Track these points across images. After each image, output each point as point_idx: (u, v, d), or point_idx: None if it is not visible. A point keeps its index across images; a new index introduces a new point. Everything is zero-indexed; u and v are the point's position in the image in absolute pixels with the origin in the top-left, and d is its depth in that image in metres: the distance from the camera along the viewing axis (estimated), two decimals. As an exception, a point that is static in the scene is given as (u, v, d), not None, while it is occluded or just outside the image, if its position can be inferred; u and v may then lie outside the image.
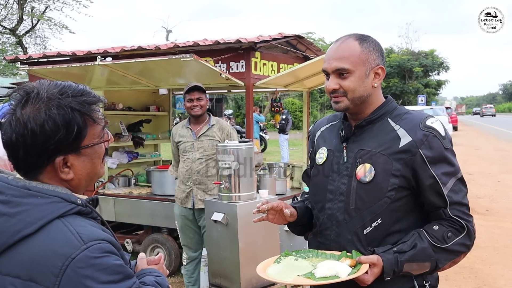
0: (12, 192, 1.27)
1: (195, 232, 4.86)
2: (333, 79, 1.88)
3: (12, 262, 1.23)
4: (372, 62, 1.87)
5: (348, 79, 1.85)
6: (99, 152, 1.39)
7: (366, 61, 1.86)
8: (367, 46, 1.87)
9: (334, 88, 1.88)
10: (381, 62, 1.91)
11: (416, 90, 41.78)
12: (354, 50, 1.86)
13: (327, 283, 1.74)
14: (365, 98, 1.89)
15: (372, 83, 1.88)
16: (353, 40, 1.88)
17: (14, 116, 1.28)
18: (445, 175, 1.81)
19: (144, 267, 1.54)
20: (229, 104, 36.46)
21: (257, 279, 4.14)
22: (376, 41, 1.93)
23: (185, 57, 4.80)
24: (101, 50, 6.43)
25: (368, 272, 1.75)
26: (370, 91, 1.89)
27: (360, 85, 1.86)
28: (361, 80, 1.86)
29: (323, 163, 1.99)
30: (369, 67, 1.87)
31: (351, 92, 1.86)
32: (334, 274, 1.73)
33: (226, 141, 4.26)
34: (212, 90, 8.90)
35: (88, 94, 1.35)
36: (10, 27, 22.35)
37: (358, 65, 1.85)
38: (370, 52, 1.87)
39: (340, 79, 1.87)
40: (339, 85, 1.87)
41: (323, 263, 1.80)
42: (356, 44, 1.87)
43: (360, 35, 1.91)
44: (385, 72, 1.95)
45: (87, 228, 1.27)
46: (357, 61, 1.85)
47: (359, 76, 1.85)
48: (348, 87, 1.86)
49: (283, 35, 6.28)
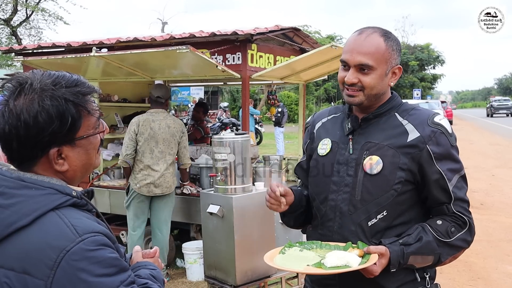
0: (6, 184, 1.26)
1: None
2: (354, 73, 1.86)
3: (6, 254, 1.22)
4: (393, 61, 1.88)
5: (369, 76, 1.84)
6: (94, 143, 1.37)
7: (389, 60, 1.86)
8: (391, 45, 1.87)
9: (353, 82, 1.86)
10: (399, 62, 1.92)
11: (412, 84, 41.76)
12: (380, 48, 1.85)
13: (338, 272, 1.75)
14: (380, 95, 1.90)
15: (389, 82, 1.90)
16: (378, 36, 1.86)
17: (7, 107, 1.26)
18: (450, 171, 1.83)
19: (139, 260, 1.53)
20: (224, 96, 36.40)
21: (252, 272, 4.14)
22: (397, 39, 1.93)
23: (181, 48, 4.77)
24: (97, 41, 6.38)
25: (377, 263, 1.75)
26: (386, 89, 1.91)
27: (379, 83, 1.86)
28: (380, 78, 1.86)
29: (326, 154, 1.98)
30: (389, 66, 1.87)
31: (369, 88, 1.86)
32: (345, 264, 1.73)
33: (222, 133, 4.25)
34: (208, 82, 8.87)
35: (82, 85, 1.33)
36: (4, 17, 22.19)
37: (381, 63, 1.85)
38: (393, 51, 1.87)
39: (361, 74, 1.85)
40: (359, 79, 1.85)
41: (332, 253, 1.79)
42: (382, 41, 1.85)
43: (384, 31, 1.90)
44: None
45: (82, 220, 1.25)
46: (381, 59, 1.84)
47: (380, 74, 1.85)
48: (368, 84, 1.85)
49: (279, 28, 6.25)
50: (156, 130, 5.16)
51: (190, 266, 5.41)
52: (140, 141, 5.18)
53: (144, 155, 5.18)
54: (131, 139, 5.20)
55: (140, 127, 5.19)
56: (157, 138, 5.16)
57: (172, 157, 5.25)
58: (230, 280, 4.12)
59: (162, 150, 5.18)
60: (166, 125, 5.19)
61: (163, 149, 5.18)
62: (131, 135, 5.21)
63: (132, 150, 5.21)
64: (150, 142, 5.16)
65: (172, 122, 5.26)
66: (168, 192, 5.26)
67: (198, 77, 6.62)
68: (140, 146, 5.18)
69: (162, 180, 5.17)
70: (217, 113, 20.82)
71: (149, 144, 5.16)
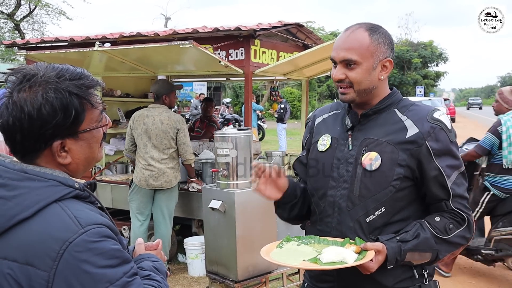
0: (9, 175, 1.26)
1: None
2: (340, 69, 1.87)
3: (9, 246, 1.22)
4: (381, 54, 1.86)
5: (354, 71, 1.84)
6: (97, 137, 1.38)
7: (375, 53, 1.84)
8: (377, 38, 1.85)
9: (340, 78, 1.87)
10: (390, 55, 1.89)
11: (415, 81, 41.69)
12: (363, 42, 1.84)
13: (333, 269, 1.74)
14: (371, 90, 1.88)
15: (378, 76, 1.87)
16: (363, 30, 1.86)
17: (11, 99, 1.26)
18: (449, 168, 1.82)
19: (142, 252, 1.54)
20: (227, 92, 36.40)
21: (254, 267, 4.15)
22: (386, 32, 1.91)
23: (184, 43, 4.77)
24: (100, 36, 6.38)
25: (373, 259, 1.74)
26: (376, 83, 1.88)
27: (367, 78, 1.85)
28: (367, 73, 1.84)
29: (326, 150, 1.97)
30: (377, 60, 1.85)
31: (357, 84, 1.85)
32: (341, 260, 1.72)
33: (225, 129, 4.24)
34: (210, 78, 8.86)
35: (86, 78, 1.33)
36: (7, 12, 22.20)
37: (366, 57, 1.83)
38: (380, 44, 1.85)
39: (347, 69, 1.85)
40: (345, 75, 1.85)
41: (329, 249, 1.79)
42: (366, 36, 1.84)
43: (370, 26, 1.89)
44: (393, 65, 1.94)
45: (85, 212, 1.26)
46: (365, 53, 1.83)
47: (366, 68, 1.84)
48: (354, 79, 1.84)
49: (283, 23, 6.24)
50: (149, 126, 5.20)
51: (191, 261, 5.42)
52: (135, 136, 5.30)
53: (140, 149, 5.27)
54: (128, 134, 5.39)
55: (134, 122, 5.30)
56: (150, 134, 5.20)
57: (168, 152, 5.24)
58: (232, 276, 4.13)
59: (155, 145, 5.20)
60: (159, 121, 5.20)
61: (156, 144, 5.20)
62: (128, 130, 5.39)
63: (130, 145, 5.36)
64: (143, 137, 5.23)
65: (167, 118, 5.23)
66: (168, 187, 5.28)
67: (201, 72, 6.62)
68: (136, 141, 5.31)
69: (160, 174, 5.20)
70: (220, 109, 20.81)
71: (142, 139, 5.23)
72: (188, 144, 5.34)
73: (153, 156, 5.19)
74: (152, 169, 5.19)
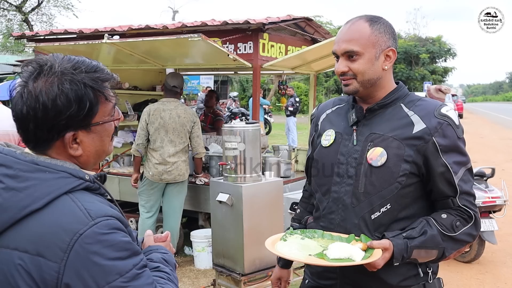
0: (20, 167, 1.26)
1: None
2: (342, 62, 1.85)
3: (20, 237, 1.23)
4: (383, 44, 1.83)
5: (357, 62, 1.82)
6: (109, 130, 1.38)
7: (376, 43, 1.82)
8: (377, 28, 1.83)
9: (343, 71, 1.85)
10: (392, 44, 1.87)
11: (422, 76, 41.43)
12: (364, 32, 1.82)
13: (341, 266, 1.73)
14: (375, 81, 1.85)
15: (382, 66, 1.85)
16: (363, 21, 1.84)
17: (26, 88, 1.26)
18: (456, 164, 1.79)
19: (151, 244, 1.54)
20: (234, 86, 36.34)
21: (260, 260, 4.16)
22: (387, 22, 1.89)
23: (193, 36, 4.77)
24: (108, 28, 6.39)
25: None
26: (380, 74, 1.85)
27: (370, 68, 1.83)
28: (370, 63, 1.82)
29: (330, 145, 1.95)
30: (379, 49, 1.83)
31: (360, 74, 1.83)
32: (348, 257, 1.70)
33: (233, 122, 4.24)
34: (218, 71, 8.86)
35: (101, 71, 1.33)
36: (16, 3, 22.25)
37: (368, 47, 1.82)
38: (381, 34, 1.83)
39: (349, 61, 1.84)
40: (348, 67, 1.84)
41: (335, 245, 1.76)
42: (366, 26, 1.83)
43: (371, 17, 1.87)
44: (397, 55, 1.91)
45: (95, 204, 1.26)
46: (367, 43, 1.81)
47: (368, 59, 1.82)
48: (357, 70, 1.82)
49: (291, 17, 6.22)
50: (166, 120, 5.19)
51: (198, 254, 5.45)
52: (150, 131, 5.24)
53: (155, 144, 5.23)
54: (142, 129, 5.28)
55: (150, 117, 5.25)
56: (167, 128, 5.20)
57: (183, 145, 5.27)
58: (238, 269, 4.14)
59: (171, 139, 5.21)
60: (176, 114, 5.21)
61: (173, 138, 5.21)
62: (142, 124, 5.29)
63: (143, 140, 5.28)
64: (161, 131, 5.20)
65: (183, 111, 5.27)
66: (181, 180, 5.31)
67: (209, 65, 6.62)
68: (151, 135, 5.25)
69: (174, 168, 5.21)
70: (227, 103, 20.79)
71: (160, 134, 5.21)
72: (201, 137, 5.39)
73: (169, 150, 5.21)
74: (167, 164, 5.21)
